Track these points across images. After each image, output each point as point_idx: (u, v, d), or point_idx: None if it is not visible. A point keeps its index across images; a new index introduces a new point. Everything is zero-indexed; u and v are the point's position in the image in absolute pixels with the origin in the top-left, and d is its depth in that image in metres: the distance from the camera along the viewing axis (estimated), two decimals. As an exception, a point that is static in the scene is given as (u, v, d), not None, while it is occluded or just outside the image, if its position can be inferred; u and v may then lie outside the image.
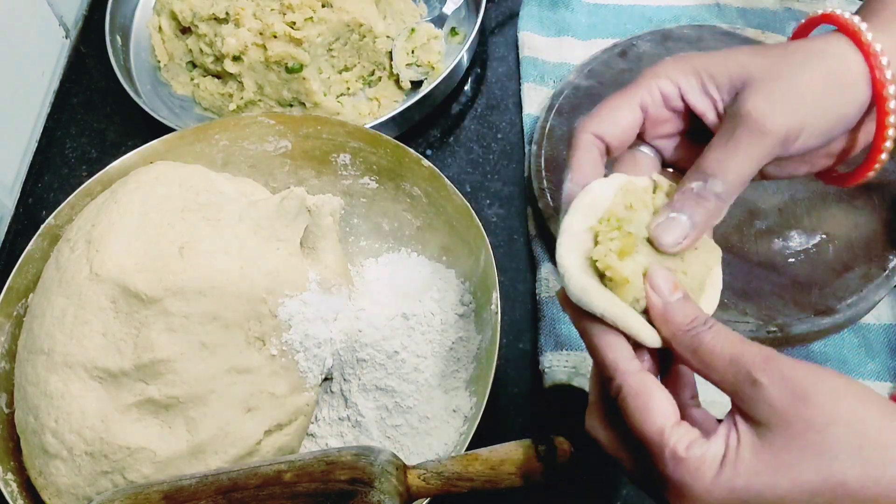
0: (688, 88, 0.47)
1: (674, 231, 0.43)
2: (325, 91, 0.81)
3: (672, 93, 0.47)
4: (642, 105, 0.47)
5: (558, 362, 0.64)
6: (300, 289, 0.59)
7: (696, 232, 0.44)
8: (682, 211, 0.44)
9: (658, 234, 0.43)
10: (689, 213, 0.44)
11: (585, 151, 0.46)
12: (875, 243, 0.67)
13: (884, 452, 0.36)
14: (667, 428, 0.39)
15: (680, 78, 0.47)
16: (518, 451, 0.48)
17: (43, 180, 0.82)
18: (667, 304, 0.42)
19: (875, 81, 0.45)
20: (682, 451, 0.38)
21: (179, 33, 0.86)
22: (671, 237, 0.43)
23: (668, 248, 0.43)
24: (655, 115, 0.48)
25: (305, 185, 0.71)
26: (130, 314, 0.56)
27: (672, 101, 0.47)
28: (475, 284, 0.64)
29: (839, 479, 0.36)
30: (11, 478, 0.57)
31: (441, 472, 0.48)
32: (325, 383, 0.62)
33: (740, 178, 0.44)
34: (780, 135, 0.44)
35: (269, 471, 0.49)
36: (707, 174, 0.44)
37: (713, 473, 0.38)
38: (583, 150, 0.46)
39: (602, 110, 0.47)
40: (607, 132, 0.47)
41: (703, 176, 0.44)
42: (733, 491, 0.37)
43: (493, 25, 0.89)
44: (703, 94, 0.47)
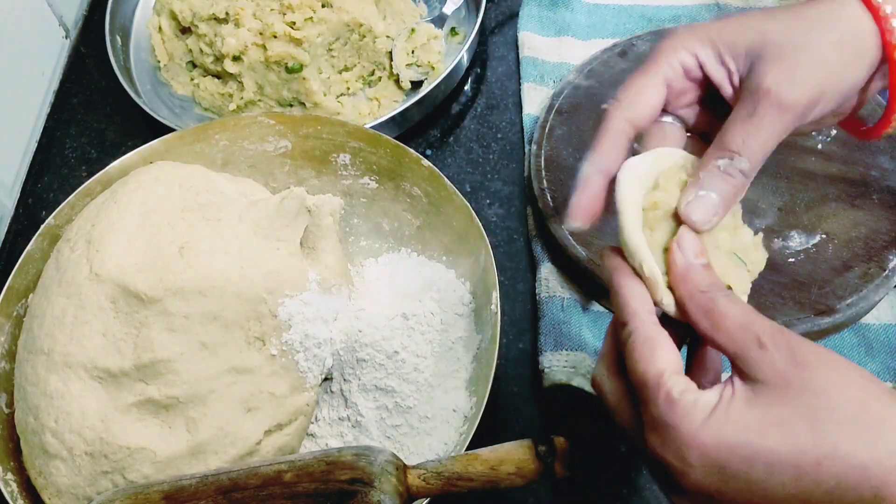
0: (706, 59, 0.48)
1: (705, 209, 0.44)
2: (325, 91, 0.81)
3: (692, 64, 0.48)
4: (667, 81, 0.48)
5: (558, 362, 0.64)
6: (300, 289, 0.59)
7: (724, 208, 0.45)
8: (710, 189, 0.44)
9: (689, 212, 0.44)
10: (718, 189, 0.44)
11: (614, 137, 0.47)
12: (875, 243, 0.67)
13: (880, 425, 0.36)
14: (666, 373, 0.39)
15: (698, 48, 0.48)
16: (518, 451, 0.48)
17: (43, 180, 0.82)
18: (689, 264, 0.42)
19: (886, 44, 0.46)
20: (676, 394, 0.38)
21: (179, 33, 0.86)
22: (702, 215, 0.44)
23: (699, 225, 0.44)
24: (678, 88, 0.49)
25: (305, 185, 0.71)
26: (130, 314, 0.56)
27: (692, 72, 0.48)
28: (475, 284, 0.64)
29: (831, 442, 0.36)
30: (11, 478, 0.57)
31: (441, 472, 0.48)
32: (325, 383, 0.62)
33: (763, 154, 0.45)
34: (800, 108, 0.45)
35: (269, 471, 0.49)
36: (732, 151, 0.45)
37: (702, 418, 0.38)
38: (612, 136, 0.47)
39: (630, 93, 0.48)
40: (637, 116, 0.47)
41: (728, 153, 0.45)
42: (720, 439, 0.37)
43: (493, 25, 0.89)
44: (719, 63, 0.47)
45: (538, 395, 0.66)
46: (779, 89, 0.44)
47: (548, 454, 0.48)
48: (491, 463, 0.48)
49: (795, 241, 0.68)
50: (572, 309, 0.67)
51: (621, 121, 0.47)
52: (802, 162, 0.72)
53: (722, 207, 0.44)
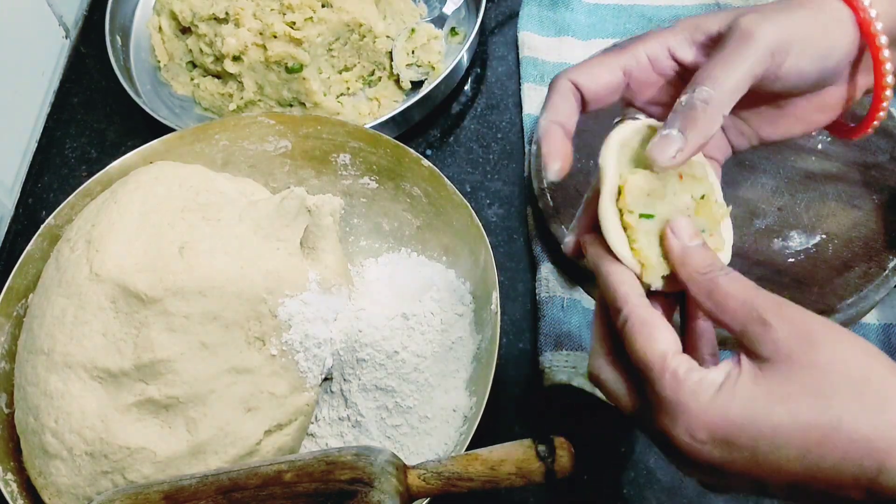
0: (676, 45, 0.47)
1: (667, 147, 0.42)
2: (325, 91, 0.81)
3: (660, 54, 0.47)
4: (626, 69, 0.48)
5: (558, 362, 0.64)
6: (300, 289, 0.59)
7: (690, 146, 0.43)
8: (672, 126, 0.43)
9: (653, 154, 0.43)
10: (680, 124, 0.43)
11: (561, 96, 0.47)
12: (875, 243, 0.67)
13: (884, 399, 0.36)
14: (669, 353, 0.39)
15: (668, 38, 0.47)
16: (518, 451, 0.48)
17: (43, 180, 0.82)
18: (685, 247, 0.42)
19: (861, 22, 0.46)
20: (682, 373, 0.39)
21: (179, 33, 0.86)
22: (665, 154, 0.42)
23: (664, 164, 0.43)
24: (641, 79, 0.48)
25: (305, 185, 0.71)
26: (130, 314, 0.56)
27: (660, 62, 0.48)
28: (475, 284, 0.64)
29: (835, 415, 0.36)
30: (11, 478, 0.57)
31: (441, 472, 0.48)
32: (325, 383, 0.62)
33: (730, 84, 0.43)
34: (768, 43, 0.44)
35: (269, 471, 0.49)
36: (696, 82, 0.44)
37: (710, 395, 0.38)
38: (560, 94, 0.48)
39: (585, 63, 0.48)
40: (584, 83, 0.47)
41: (691, 87, 0.44)
42: (727, 415, 0.38)
43: (493, 25, 0.89)
44: (692, 45, 0.47)
45: (538, 395, 0.66)
46: (748, 24, 0.44)
47: (548, 454, 0.48)
48: (491, 463, 0.48)
49: (795, 241, 0.68)
50: (572, 309, 0.67)
51: (566, 81, 0.48)
52: (802, 162, 0.72)
53: (686, 144, 0.42)
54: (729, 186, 0.49)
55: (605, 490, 0.62)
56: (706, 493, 0.61)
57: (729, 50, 0.44)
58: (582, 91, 0.47)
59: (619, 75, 0.48)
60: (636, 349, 0.40)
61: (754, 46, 0.43)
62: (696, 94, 0.43)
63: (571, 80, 0.47)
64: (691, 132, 0.43)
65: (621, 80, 0.48)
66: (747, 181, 0.71)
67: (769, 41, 0.44)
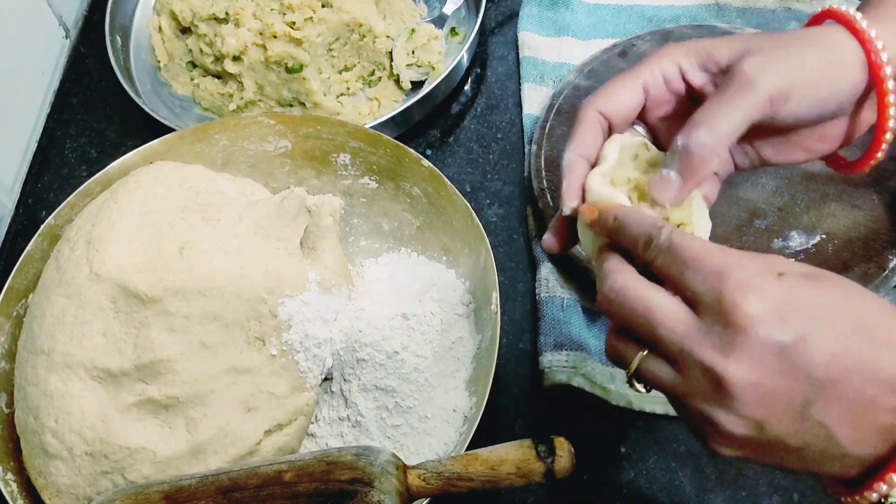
0: (688, 67, 0.49)
1: (667, 188, 0.46)
2: (325, 91, 0.81)
3: (673, 73, 0.49)
4: (645, 86, 0.49)
5: (558, 362, 0.64)
6: (300, 289, 0.59)
7: (687, 186, 0.46)
8: (670, 167, 0.46)
9: (654, 193, 0.46)
10: (678, 167, 0.45)
11: (588, 126, 0.49)
12: (874, 243, 0.67)
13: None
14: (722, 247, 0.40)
15: (681, 58, 0.49)
16: (518, 451, 0.48)
17: (43, 180, 0.82)
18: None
19: (871, 64, 0.47)
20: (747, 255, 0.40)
21: (179, 33, 0.86)
22: (666, 195, 0.46)
23: (665, 203, 0.46)
24: (657, 97, 0.50)
25: (305, 185, 0.71)
26: (130, 314, 0.56)
27: (673, 82, 0.49)
28: (475, 284, 0.64)
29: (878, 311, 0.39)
30: (11, 478, 0.57)
31: (441, 472, 0.48)
32: (325, 383, 0.62)
33: (726, 128, 0.45)
34: (768, 91, 0.45)
35: (269, 471, 0.49)
36: (694, 124, 0.45)
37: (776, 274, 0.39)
38: (586, 125, 0.49)
39: (607, 89, 0.49)
40: (611, 110, 0.49)
41: (690, 127, 0.46)
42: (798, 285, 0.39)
43: (493, 25, 0.89)
44: (702, 70, 0.49)
45: (538, 395, 0.66)
46: (750, 70, 0.45)
47: (548, 454, 0.48)
48: (491, 463, 0.48)
49: (795, 241, 0.68)
50: (572, 309, 0.67)
51: (593, 112, 0.49)
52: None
53: (684, 185, 0.46)
54: (729, 186, 0.50)
55: (605, 490, 0.62)
56: (706, 492, 0.61)
57: (728, 94, 0.45)
58: (609, 118, 0.49)
59: (640, 94, 0.49)
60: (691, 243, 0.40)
61: (753, 94, 0.45)
62: (692, 138, 0.45)
63: (598, 110, 0.49)
64: (688, 174, 0.45)
65: (642, 98, 0.49)
66: (747, 181, 0.71)
67: (769, 90, 0.45)
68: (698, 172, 0.45)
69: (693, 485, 0.62)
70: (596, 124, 0.49)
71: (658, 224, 0.42)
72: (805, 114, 0.47)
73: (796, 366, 0.38)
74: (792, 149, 0.51)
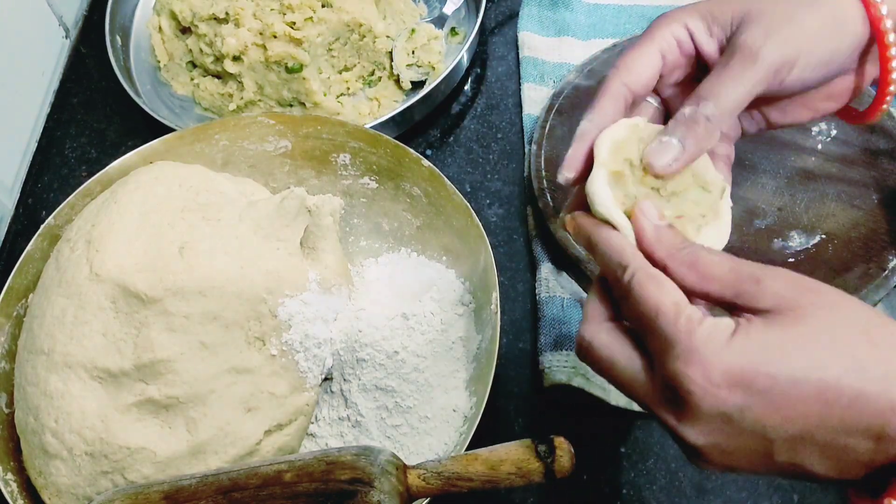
0: (695, 29, 0.48)
1: (665, 154, 0.44)
2: (325, 91, 0.81)
3: (684, 36, 0.49)
4: (661, 52, 0.49)
5: (558, 362, 0.64)
6: (300, 289, 0.59)
7: (687, 155, 0.44)
8: (673, 134, 0.45)
9: (650, 158, 0.44)
10: (680, 135, 0.44)
11: (612, 98, 0.48)
12: (874, 243, 0.67)
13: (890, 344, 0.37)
14: (681, 302, 0.39)
15: (689, 20, 0.48)
16: (518, 451, 0.48)
17: (43, 180, 0.82)
18: (658, 226, 0.43)
19: (872, 18, 0.46)
20: (697, 318, 0.38)
21: (179, 33, 0.86)
22: (662, 160, 0.44)
23: (659, 170, 0.44)
24: (672, 62, 0.49)
25: (305, 185, 0.71)
26: (130, 314, 0.56)
27: (685, 44, 0.49)
28: (475, 284, 0.64)
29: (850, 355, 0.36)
30: (11, 478, 0.57)
31: (441, 472, 0.48)
32: (325, 383, 0.62)
33: (731, 103, 0.45)
34: (772, 63, 0.45)
35: (269, 471, 0.49)
36: (699, 98, 0.45)
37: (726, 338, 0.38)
38: (610, 97, 0.48)
39: (629, 60, 0.48)
40: (633, 81, 0.48)
41: (695, 100, 0.45)
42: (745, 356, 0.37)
43: (493, 25, 0.89)
44: (708, 34, 0.48)
45: (538, 395, 0.66)
46: (753, 42, 0.45)
47: (548, 454, 0.48)
48: (491, 463, 0.48)
49: (795, 241, 0.68)
50: (572, 309, 0.67)
51: (619, 84, 0.48)
52: (802, 162, 0.72)
53: (684, 153, 0.44)
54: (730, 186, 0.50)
55: (605, 490, 0.62)
56: (706, 492, 0.61)
57: (733, 68, 0.45)
58: (633, 90, 0.48)
59: (659, 60, 0.49)
60: (647, 297, 0.40)
61: (758, 67, 0.45)
62: (700, 108, 0.45)
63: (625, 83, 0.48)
64: (690, 144, 0.44)
65: (661, 65, 0.49)
66: (747, 181, 0.71)
67: (774, 61, 0.45)
68: (701, 143, 0.45)
69: (693, 485, 0.62)
70: (620, 97, 0.48)
71: (623, 262, 0.42)
72: (810, 77, 0.47)
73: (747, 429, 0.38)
74: (798, 109, 0.51)
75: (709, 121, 0.45)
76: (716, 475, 0.62)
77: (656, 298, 0.39)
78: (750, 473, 0.40)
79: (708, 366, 0.37)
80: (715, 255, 0.41)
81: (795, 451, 0.37)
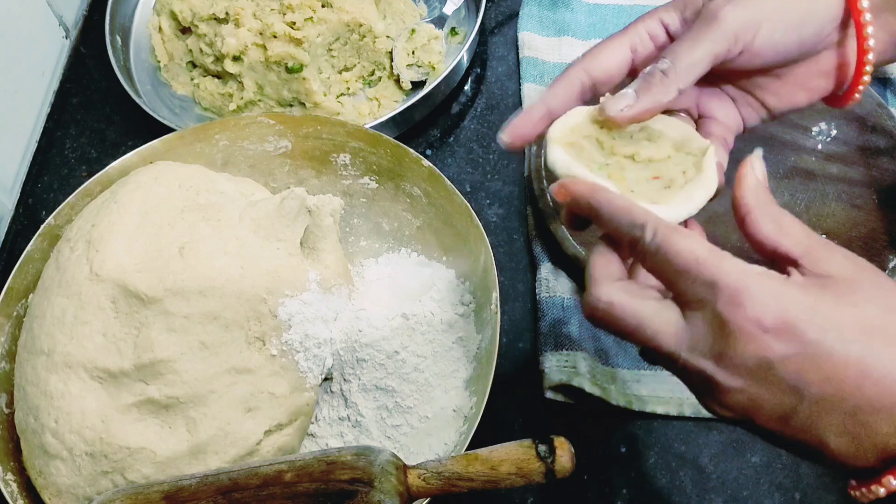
0: (670, 21, 0.51)
1: (619, 102, 0.47)
2: (325, 91, 0.81)
3: (657, 30, 0.51)
4: (631, 46, 0.51)
5: (558, 362, 0.64)
6: (300, 289, 0.59)
7: (640, 104, 0.47)
8: (629, 87, 0.48)
9: (605, 106, 0.47)
10: (636, 87, 0.47)
11: (566, 81, 0.50)
12: (874, 243, 0.67)
13: None
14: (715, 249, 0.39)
15: (663, 14, 0.51)
16: (518, 451, 0.48)
17: (43, 180, 0.82)
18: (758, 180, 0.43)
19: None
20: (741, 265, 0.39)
21: (179, 33, 0.86)
22: (616, 107, 0.47)
23: (613, 116, 0.47)
24: (644, 55, 0.51)
25: (305, 185, 0.71)
26: (130, 314, 0.56)
27: (659, 38, 0.51)
28: (475, 284, 0.64)
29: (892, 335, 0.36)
30: (11, 478, 0.57)
31: (441, 472, 0.48)
32: (325, 383, 0.62)
33: (687, 61, 0.47)
34: (731, 23, 0.47)
35: (270, 471, 0.49)
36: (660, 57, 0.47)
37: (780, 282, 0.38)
38: (564, 81, 0.50)
39: (594, 50, 0.51)
40: (595, 69, 0.50)
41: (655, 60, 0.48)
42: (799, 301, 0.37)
43: (493, 25, 0.89)
44: (682, 22, 0.50)
45: (538, 395, 0.66)
46: (715, 6, 0.47)
47: (548, 454, 0.48)
48: (491, 463, 0.48)
49: (795, 241, 0.68)
50: (572, 309, 0.67)
51: (579, 70, 0.50)
52: (802, 162, 0.72)
53: (637, 101, 0.47)
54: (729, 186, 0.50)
55: (605, 490, 0.62)
56: (706, 492, 0.61)
57: (694, 30, 0.48)
58: (594, 77, 0.50)
59: (627, 53, 0.51)
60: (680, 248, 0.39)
61: (715, 29, 0.47)
62: (657, 64, 0.47)
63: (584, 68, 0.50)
64: (644, 94, 0.47)
65: (629, 58, 0.51)
66: (747, 181, 0.71)
67: (732, 24, 0.47)
68: (655, 95, 0.47)
69: (693, 485, 0.62)
70: (575, 81, 0.50)
71: (637, 221, 0.41)
72: (782, 41, 0.48)
73: (783, 380, 0.37)
74: (793, 90, 0.52)
75: (664, 74, 0.47)
76: (715, 474, 0.62)
77: (690, 247, 0.39)
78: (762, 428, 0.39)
79: (759, 309, 0.37)
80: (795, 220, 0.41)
81: (819, 415, 0.37)
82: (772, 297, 0.37)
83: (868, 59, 0.49)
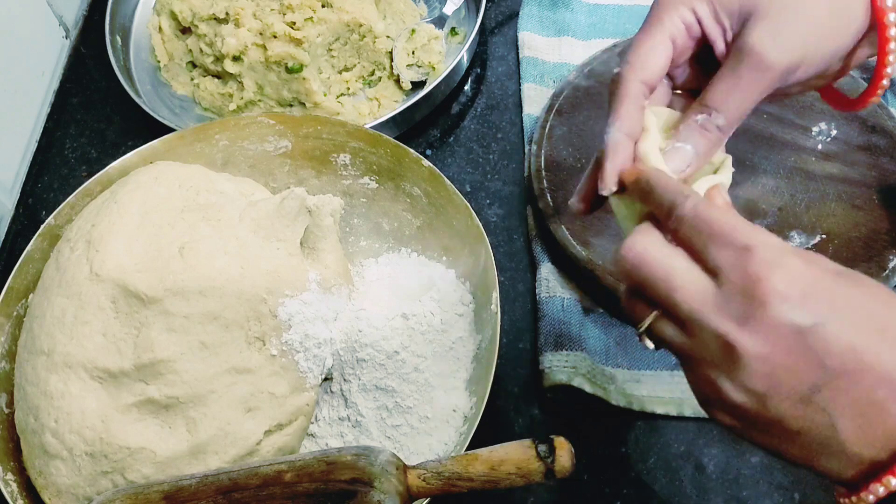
0: (703, 14, 0.49)
1: (679, 159, 0.48)
2: (325, 91, 0.81)
3: (692, 20, 0.49)
4: (671, 38, 0.49)
5: (558, 362, 0.64)
6: (300, 289, 0.59)
7: (699, 160, 0.48)
8: (686, 141, 0.48)
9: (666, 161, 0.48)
10: (693, 143, 0.48)
11: (633, 100, 0.49)
12: (875, 243, 0.67)
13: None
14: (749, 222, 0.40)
15: (696, 4, 0.49)
16: (518, 451, 0.48)
17: (43, 180, 0.82)
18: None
19: (876, 9, 0.48)
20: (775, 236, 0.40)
21: (179, 33, 0.86)
22: (677, 164, 0.48)
23: (674, 173, 0.47)
24: (682, 46, 0.50)
25: (305, 185, 0.71)
26: (130, 314, 0.56)
27: (692, 28, 0.50)
28: (475, 284, 0.64)
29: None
30: (11, 478, 0.57)
31: (441, 472, 0.48)
32: (325, 383, 0.62)
33: (741, 112, 0.48)
34: (781, 69, 0.47)
35: (270, 471, 0.49)
36: (710, 107, 0.48)
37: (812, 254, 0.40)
38: (631, 100, 0.49)
39: (641, 54, 0.49)
40: (650, 76, 0.49)
41: (707, 109, 0.48)
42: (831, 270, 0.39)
43: (493, 25, 0.89)
44: (714, 20, 0.49)
45: (538, 395, 0.66)
46: (762, 48, 0.46)
47: (548, 454, 0.48)
48: (491, 463, 0.48)
49: (795, 241, 0.68)
50: (572, 309, 0.67)
51: (637, 84, 0.49)
52: (802, 162, 0.72)
53: (696, 159, 0.48)
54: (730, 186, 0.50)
55: (605, 490, 0.62)
56: (706, 492, 0.61)
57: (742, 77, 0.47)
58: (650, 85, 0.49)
59: (670, 48, 0.50)
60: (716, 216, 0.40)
61: (767, 75, 0.47)
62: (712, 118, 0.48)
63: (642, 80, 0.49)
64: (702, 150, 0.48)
65: (671, 51, 0.50)
66: (747, 181, 0.71)
67: (780, 69, 0.47)
68: (711, 150, 0.48)
69: (693, 485, 0.62)
70: (640, 97, 0.49)
71: (683, 192, 0.42)
72: (813, 72, 0.49)
73: (810, 349, 0.37)
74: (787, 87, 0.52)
75: (720, 130, 0.48)
76: (715, 474, 0.62)
77: (726, 216, 0.41)
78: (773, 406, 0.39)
79: (792, 274, 0.38)
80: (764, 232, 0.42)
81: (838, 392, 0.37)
82: (805, 265, 0.38)
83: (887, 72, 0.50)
